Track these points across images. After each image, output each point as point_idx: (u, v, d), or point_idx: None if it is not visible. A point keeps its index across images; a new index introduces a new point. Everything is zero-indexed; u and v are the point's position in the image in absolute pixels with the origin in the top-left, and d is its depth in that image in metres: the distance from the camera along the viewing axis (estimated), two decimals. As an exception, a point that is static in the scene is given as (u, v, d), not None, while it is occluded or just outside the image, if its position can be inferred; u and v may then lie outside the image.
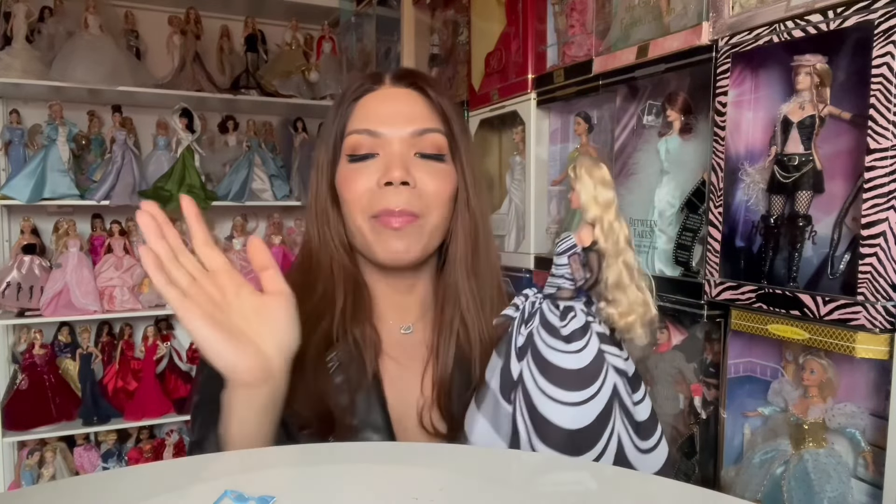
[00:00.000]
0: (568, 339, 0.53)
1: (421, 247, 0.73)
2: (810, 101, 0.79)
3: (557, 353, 0.53)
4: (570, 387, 0.53)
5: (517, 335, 0.57)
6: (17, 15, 2.12)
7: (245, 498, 0.40)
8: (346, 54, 2.51)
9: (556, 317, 0.55)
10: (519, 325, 0.57)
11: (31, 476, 2.15)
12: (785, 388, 0.85)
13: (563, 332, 0.54)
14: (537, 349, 0.54)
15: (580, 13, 1.26)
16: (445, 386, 0.74)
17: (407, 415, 0.73)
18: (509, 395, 0.56)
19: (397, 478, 0.45)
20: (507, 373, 0.56)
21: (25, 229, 2.19)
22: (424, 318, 0.80)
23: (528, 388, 0.54)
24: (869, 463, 0.75)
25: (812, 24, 0.75)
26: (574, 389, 0.53)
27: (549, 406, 0.53)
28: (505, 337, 0.59)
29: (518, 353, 0.56)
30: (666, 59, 0.99)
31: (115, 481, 0.45)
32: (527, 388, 0.54)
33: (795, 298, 0.77)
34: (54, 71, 2.09)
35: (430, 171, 0.72)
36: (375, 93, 0.76)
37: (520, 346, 0.56)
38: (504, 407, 0.57)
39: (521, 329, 0.57)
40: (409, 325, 0.79)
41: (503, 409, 0.57)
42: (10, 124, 2.20)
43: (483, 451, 0.54)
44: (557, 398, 0.53)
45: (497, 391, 0.57)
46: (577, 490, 0.45)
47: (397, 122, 0.73)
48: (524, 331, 0.56)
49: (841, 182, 0.77)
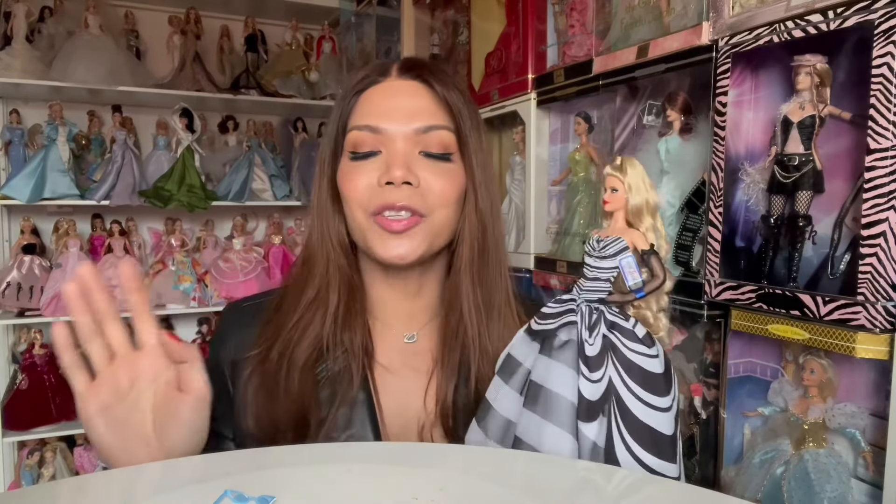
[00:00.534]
0: (645, 342, 0.51)
1: (425, 247, 0.68)
2: (810, 101, 0.79)
3: (642, 356, 0.50)
4: (661, 391, 0.50)
5: (585, 344, 0.52)
6: (17, 15, 2.12)
7: (245, 498, 0.40)
8: (346, 54, 2.51)
9: (623, 320, 0.52)
10: (583, 332, 0.52)
11: (31, 476, 2.15)
12: (785, 388, 0.85)
13: (639, 335, 0.51)
14: (623, 355, 0.51)
15: (580, 13, 1.26)
16: (449, 401, 0.69)
17: (406, 431, 0.70)
18: (594, 412, 0.50)
19: (397, 478, 0.45)
20: (588, 386, 0.51)
21: (25, 229, 2.19)
22: (430, 325, 0.75)
23: (622, 398, 0.50)
24: (869, 463, 0.75)
25: (812, 24, 0.75)
26: (664, 394, 0.50)
27: (649, 413, 0.49)
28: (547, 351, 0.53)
29: (592, 362, 0.51)
30: (666, 59, 0.99)
31: (115, 481, 0.45)
32: (621, 398, 0.50)
33: (795, 298, 0.77)
34: (54, 71, 2.09)
35: (435, 171, 0.68)
36: (380, 85, 0.71)
37: (594, 354, 0.51)
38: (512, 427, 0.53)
39: (588, 337, 0.52)
40: (412, 334, 0.74)
41: (511, 430, 0.53)
42: (10, 124, 2.20)
43: (483, 450, 0.53)
44: (654, 404, 0.50)
45: (548, 411, 0.52)
46: (578, 489, 0.45)
47: (401, 118, 0.68)
48: (592, 338, 0.51)
49: (841, 182, 0.77)
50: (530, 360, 0.55)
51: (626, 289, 0.52)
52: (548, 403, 0.52)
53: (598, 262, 0.53)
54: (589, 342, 0.51)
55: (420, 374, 0.72)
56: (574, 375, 0.51)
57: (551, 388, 0.52)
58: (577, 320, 0.53)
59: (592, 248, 0.53)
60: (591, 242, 0.54)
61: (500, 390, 0.56)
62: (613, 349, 0.51)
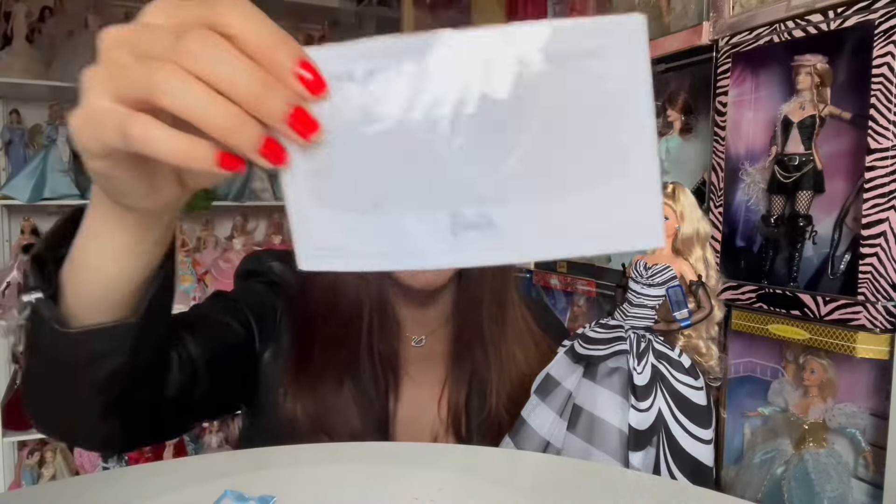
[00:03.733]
0: (691, 373, 0.51)
1: (453, 270, 0.65)
2: (811, 101, 0.79)
3: (689, 388, 0.50)
4: (705, 423, 0.50)
5: (634, 373, 0.51)
6: (17, 15, 2.12)
7: (245, 498, 0.40)
8: (347, 54, 2.51)
9: (670, 350, 0.51)
10: (632, 361, 0.51)
11: (31, 476, 2.15)
12: (785, 388, 0.84)
13: (685, 366, 0.51)
14: (672, 386, 0.50)
15: (580, 13, 1.26)
16: (462, 410, 0.68)
17: (419, 438, 0.68)
18: (643, 442, 0.50)
19: (397, 478, 0.45)
20: (637, 416, 0.50)
21: (25, 229, 2.18)
22: (442, 330, 0.73)
23: (671, 429, 0.50)
24: (869, 463, 0.75)
25: (812, 24, 0.75)
26: (707, 426, 0.50)
27: (695, 445, 0.50)
28: (595, 378, 0.52)
29: (641, 392, 0.50)
30: (666, 59, 0.99)
31: (115, 481, 0.45)
32: (670, 430, 0.50)
33: (796, 298, 0.77)
34: (54, 71, 2.09)
35: None
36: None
37: (643, 384, 0.50)
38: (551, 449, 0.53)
39: (637, 366, 0.51)
40: (421, 338, 0.72)
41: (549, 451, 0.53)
42: (10, 124, 2.20)
43: (483, 450, 0.53)
44: (700, 436, 0.50)
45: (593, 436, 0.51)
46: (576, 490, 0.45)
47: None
48: (641, 367, 0.51)
49: (841, 182, 0.77)
50: (570, 381, 0.54)
51: (671, 317, 0.52)
52: (593, 429, 0.52)
53: (645, 290, 0.52)
54: (638, 371, 0.51)
55: (434, 381, 0.71)
56: (622, 403, 0.51)
57: (598, 415, 0.52)
58: (627, 348, 0.52)
59: (640, 274, 0.52)
60: (639, 268, 0.53)
61: (535, 408, 0.56)
62: (662, 379, 0.51)
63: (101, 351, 0.43)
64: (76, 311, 0.42)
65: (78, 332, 0.41)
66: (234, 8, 0.29)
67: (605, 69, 0.27)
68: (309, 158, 0.31)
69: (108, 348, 0.43)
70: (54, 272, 0.42)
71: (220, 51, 0.28)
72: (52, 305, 0.41)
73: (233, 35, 0.29)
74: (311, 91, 0.29)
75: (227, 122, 0.28)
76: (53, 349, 0.43)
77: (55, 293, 0.42)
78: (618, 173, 0.28)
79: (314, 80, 0.29)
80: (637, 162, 0.28)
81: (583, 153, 0.28)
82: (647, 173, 0.28)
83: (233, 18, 0.29)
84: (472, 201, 0.30)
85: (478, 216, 0.30)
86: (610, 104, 0.28)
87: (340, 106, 0.30)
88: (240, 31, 0.29)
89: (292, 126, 0.29)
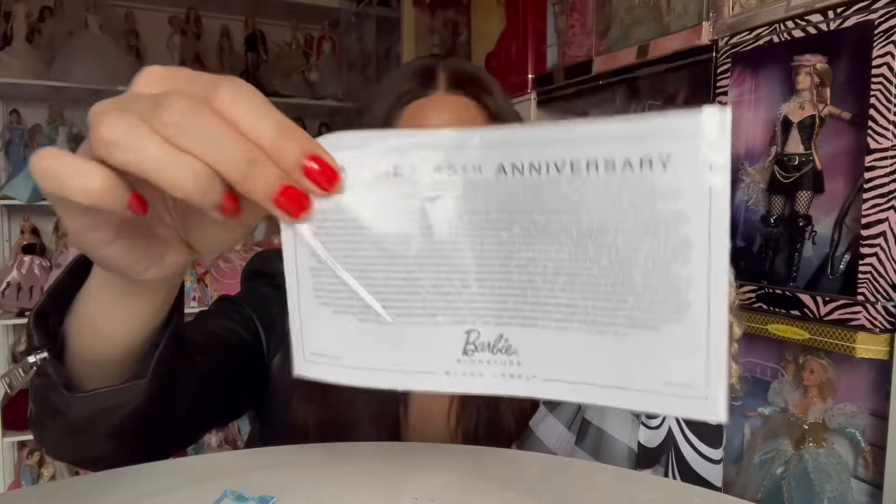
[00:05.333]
0: None
1: None
2: (810, 101, 0.79)
3: None
4: (715, 443, 0.50)
5: None
6: (17, 15, 2.12)
7: (245, 498, 0.40)
8: (346, 54, 2.51)
9: None
10: None
11: (31, 476, 2.15)
12: (785, 388, 0.85)
13: None
14: None
15: (580, 13, 1.26)
16: (472, 423, 0.67)
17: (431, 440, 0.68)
18: (652, 460, 0.51)
19: (397, 478, 0.45)
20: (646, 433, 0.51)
21: (25, 229, 2.18)
22: None
23: (680, 448, 0.50)
24: (869, 463, 0.75)
25: (812, 24, 0.75)
26: (717, 446, 0.50)
27: (704, 465, 0.50)
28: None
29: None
30: (666, 59, 0.99)
31: (115, 481, 0.45)
32: (679, 448, 0.50)
33: (795, 298, 0.77)
34: (54, 71, 2.09)
35: None
36: (426, 101, 0.65)
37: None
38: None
39: None
40: None
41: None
42: (10, 124, 2.20)
43: (483, 450, 0.53)
44: (709, 456, 0.50)
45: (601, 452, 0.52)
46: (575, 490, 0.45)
47: None
48: None
49: (841, 182, 0.77)
50: None
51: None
52: (601, 444, 0.52)
53: None
54: None
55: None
56: (631, 420, 0.51)
57: (607, 430, 0.52)
58: None
59: None
60: None
61: (544, 419, 0.56)
62: None
63: (110, 406, 0.42)
64: (83, 367, 0.41)
65: (86, 394, 0.41)
66: (235, 90, 0.28)
67: (668, 182, 0.22)
68: (312, 254, 0.28)
69: (118, 403, 0.42)
70: (57, 325, 0.41)
71: (207, 126, 0.27)
72: (58, 367, 0.41)
73: (233, 118, 0.27)
74: (320, 186, 0.27)
75: (221, 202, 0.28)
76: (62, 408, 0.42)
77: (61, 351, 0.41)
78: (670, 318, 0.23)
79: (322, 172, 0.27)
80: (698, 306, 0.22)
81: (627, 284, 0.23)
82: (710, 323, 0.22)
83: (235, 102, 0.28)
84: (491, 320, 0.25)
85: (495, 337, 0.26)
86: (669, 227, 0.22)
87: (352, 201, 0.26)
88: (241, 115, 0.28)
89: (279, 205, 0.28)
